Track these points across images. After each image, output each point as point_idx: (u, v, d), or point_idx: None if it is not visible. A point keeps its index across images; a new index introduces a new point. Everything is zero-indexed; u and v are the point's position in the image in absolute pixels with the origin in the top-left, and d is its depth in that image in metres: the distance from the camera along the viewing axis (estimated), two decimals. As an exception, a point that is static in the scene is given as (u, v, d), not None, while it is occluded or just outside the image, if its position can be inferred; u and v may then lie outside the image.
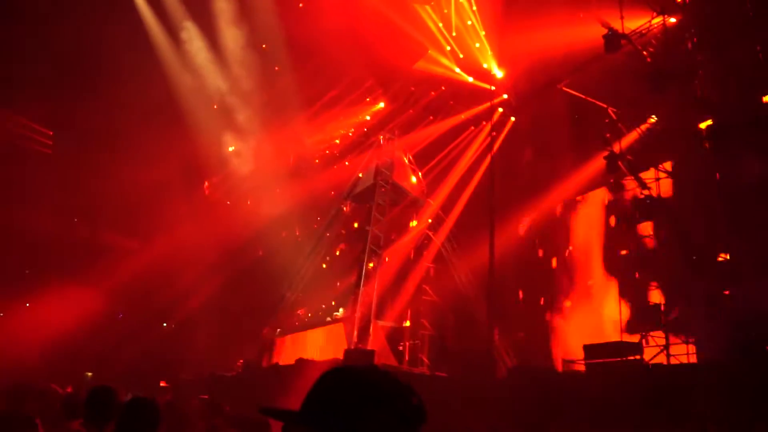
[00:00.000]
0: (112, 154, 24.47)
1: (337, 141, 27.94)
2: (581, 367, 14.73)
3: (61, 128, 26.05)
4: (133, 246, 27.42)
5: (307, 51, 23.74)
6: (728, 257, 14.01)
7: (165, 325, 27.79)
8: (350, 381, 1.74)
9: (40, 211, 23.72)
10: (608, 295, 17.62)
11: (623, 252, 17.79)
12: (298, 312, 24.45)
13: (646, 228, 16.07)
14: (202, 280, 24.77)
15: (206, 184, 29.73)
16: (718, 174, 14.96)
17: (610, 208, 18.75)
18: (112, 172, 24.29)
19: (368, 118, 26.72)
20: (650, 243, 15.85)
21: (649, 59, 15.64)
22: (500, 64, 21.58)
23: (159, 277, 24.29)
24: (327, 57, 23.27)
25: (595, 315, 17.81)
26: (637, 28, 15.40)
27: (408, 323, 21.59)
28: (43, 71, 22.31)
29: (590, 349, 14.92)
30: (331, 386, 1.75)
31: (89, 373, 23.40)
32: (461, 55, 22.38)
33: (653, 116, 16.73)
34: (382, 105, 26.18)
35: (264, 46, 25.30)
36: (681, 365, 13.17)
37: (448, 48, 22.48)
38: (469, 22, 21.85)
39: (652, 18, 15.31)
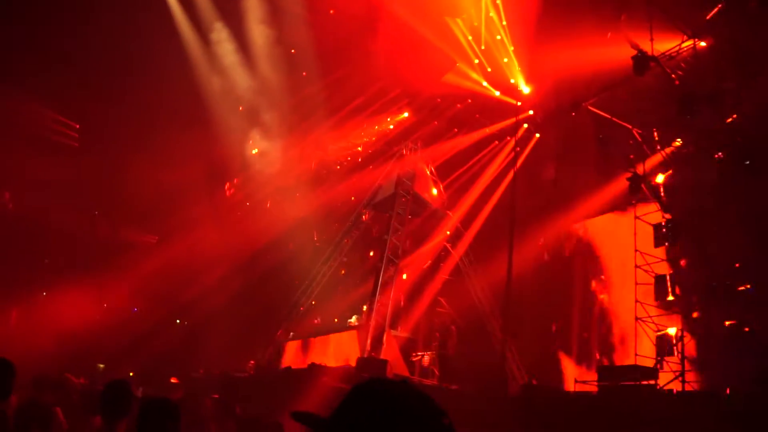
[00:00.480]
0: (137, 150, 24.76)
1: (360, 149, 28.02)
2: (593, 388, 14.60)
3: (89, 124, 26.41)
4: (153, 243, 27.70)
5: (335, 58, 23.86)
6: (749, 286, 13.85)
7: (178, 322, 27.97)
8: (385, 396, 1.72)
9: (62, 202, 23.99)
10: (624, 317, 17.50)
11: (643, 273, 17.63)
12: (313, 317, 24.48)
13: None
14: (219, 280, 24.90)
15: (227, 185, 29.93)
16: (743, 201, 14.81)
17: (630, 231, 18.59)
18: (136, 168, 24.56)
19: (392, 127, 26.78)
20: (671, 268, 15.66)
21: (677, 82, 15.55)
22: (528, 80, 21.56)
23: (176, 275, 24.46)
24: (355, 65, 23.37)
25: (610, 336, 17.69)
26: (667, 51, 15.30)
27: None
28: (75, 67, 22.64)
29: (604, 371, 14.82)
30: (366, 399, 1.73)
31: (101, 365, 23.57)
32: (489, 69, 22.39)
33: (678, 139, 16.61)
34: (406, 115, 26.24)
35: (293, 51, 25.49)
36: (696, 392, 13.02)
37: (476, 61, 22.51)
38: (499, 37, 21.86)
39: (683, 41, 15.21)
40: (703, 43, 15.02)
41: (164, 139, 23.85)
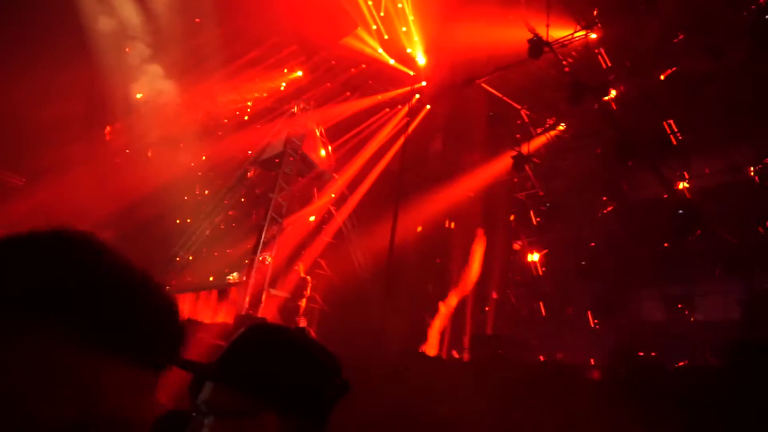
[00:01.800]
0: (3, 85, 22.83)
1: (250, 104, 27.33)
2: (467, 357, 15.26)
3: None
4: (19, 185, 25.87)
5: (232, 7, 22.97)
6: (614, 266, 14.89)
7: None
8: (282, 342, 1.61)
9: None
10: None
11: (516, 249, 18.49)
12: (190, 272, 23.87)
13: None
14: (91, 229, 23.63)
15: (108, 129, 28.31)
16: (614, 188, 15.80)
17: (509, 207, 19.40)
18: (1, 104, 22.69)
19: (284, 85, 26.29)
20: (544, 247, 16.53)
21: (567, 69, 16.23)
22: (424, 52, 21.75)
23: (44, 221, 22.96)
24: (253, 17, 22.63)
25: (485, 306, 18.46)
26: (561, 38, 15.91)
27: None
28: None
29: (474, 340, 15.52)
30: (260, 344, 1.60)
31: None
32: (386, 36, 22.40)
33: (562, 124, 17.44)
34: (300, 74, 25.82)
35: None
36: (560, 363, 13.90)
37: (374, 27, 22.43)
38: (400, 5, 21.86)
39: (575, 31, 15.85)
40: (593, 35, 15.73)
41: (40, 74, 22.14)
